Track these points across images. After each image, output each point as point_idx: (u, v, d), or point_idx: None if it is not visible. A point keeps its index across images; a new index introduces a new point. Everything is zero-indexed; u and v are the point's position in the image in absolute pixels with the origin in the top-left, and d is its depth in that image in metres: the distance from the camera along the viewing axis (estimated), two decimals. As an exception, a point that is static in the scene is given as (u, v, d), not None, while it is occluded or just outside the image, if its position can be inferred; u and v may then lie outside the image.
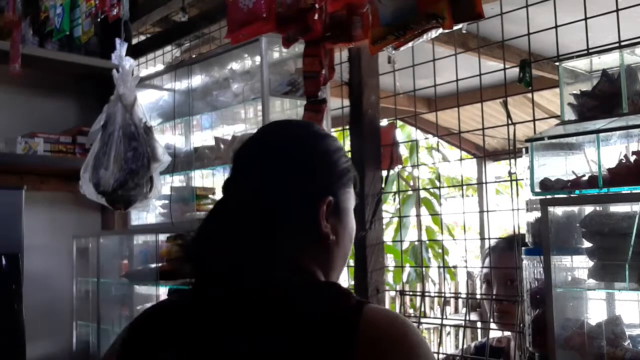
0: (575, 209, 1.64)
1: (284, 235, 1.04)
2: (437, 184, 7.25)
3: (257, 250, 1.02)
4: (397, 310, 4.68)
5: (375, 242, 2.35)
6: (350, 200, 1.12)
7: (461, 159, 2.82)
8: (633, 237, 1.46)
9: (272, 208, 1.04)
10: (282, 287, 0.98)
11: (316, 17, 1.93)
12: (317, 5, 1.93)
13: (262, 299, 0.97)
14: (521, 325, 1.83)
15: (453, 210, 8.81)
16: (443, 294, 5.04)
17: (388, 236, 6.89)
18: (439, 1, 1.65)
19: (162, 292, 2.86)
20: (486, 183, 4.12)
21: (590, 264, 1.58)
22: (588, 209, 1.60)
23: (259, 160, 1.09)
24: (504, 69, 2.11)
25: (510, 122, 2.03)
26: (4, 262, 2.59)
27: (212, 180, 3.13)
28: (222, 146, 2.86)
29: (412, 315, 3.30)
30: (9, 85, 3.34)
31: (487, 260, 2.08)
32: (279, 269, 1.02)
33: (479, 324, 5.45)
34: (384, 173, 2.39)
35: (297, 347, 0.91)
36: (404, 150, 6.93)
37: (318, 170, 1.07)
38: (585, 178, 1.64)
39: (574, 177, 1.66)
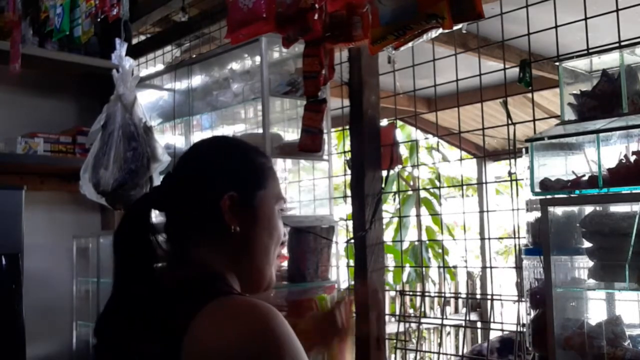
0: (575, 209, 1.64)
1: (191, 230, 1.17)
2: (437, 184, 7.24)
3: (169, 247, 1.18)
4: (397, 311, 4.66)
5: (375, 242, 2.35)
6: (267, 198, 1.21)
7: (461, 159, 2.82)
8: (633, 237, 1.46)
9: (183, 206, 1.18)
10: (163, 283, 1.14)
11: (316, 17, 1.93)
12: (317, 5, 1.93)
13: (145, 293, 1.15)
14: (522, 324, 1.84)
15: (453, 210, 8.79)
16: (443, 294, 5.04)
17: (388, 236, 6.88)
18: (439, 1, 1.65)
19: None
20: (486, 183, 4.12)
21: (590, 264, 1.58)
22: (588, 209, 1.60)
23: (178, 166, 1.25)
24: (504, 69, 2.11)
25: (510, 122, 2.03)
26: (4, 262, 2.59)
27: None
28: (222, 146, 2.86)
29: (412, 315, 3.30)
30: (9, 85, 3.34)
31: None
32: (177, 265, 1.17)
33: (479, 324, 5.47)
34: (384, 173, 2.38)
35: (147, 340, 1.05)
36: (404, 150, 6.93)
37: (223, 170, 1.20)
38: (585, 178, 1.64)
39: (574, 177, 1.66)
